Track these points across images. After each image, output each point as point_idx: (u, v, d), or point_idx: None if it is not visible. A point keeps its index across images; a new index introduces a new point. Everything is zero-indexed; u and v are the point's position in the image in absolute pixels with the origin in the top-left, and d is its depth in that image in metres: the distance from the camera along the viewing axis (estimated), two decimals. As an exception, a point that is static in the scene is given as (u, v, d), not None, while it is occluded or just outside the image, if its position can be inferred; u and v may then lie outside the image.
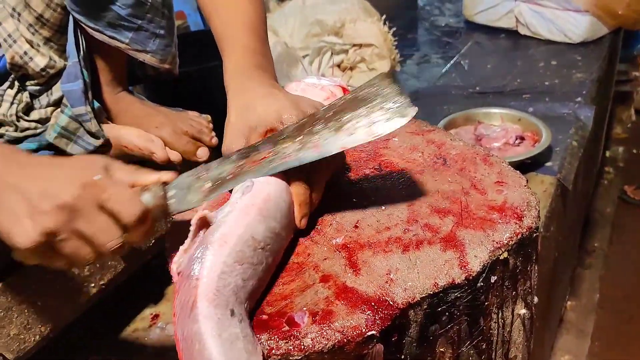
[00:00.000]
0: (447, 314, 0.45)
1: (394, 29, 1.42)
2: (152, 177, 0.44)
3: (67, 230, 0.38)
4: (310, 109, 0.49)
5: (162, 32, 0.74)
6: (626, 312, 1.40)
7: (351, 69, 1.39)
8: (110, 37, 0.71)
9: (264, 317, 0.42)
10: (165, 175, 0.44)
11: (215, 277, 0.39)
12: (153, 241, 0.81)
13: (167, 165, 0.76)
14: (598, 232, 1.68)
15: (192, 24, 1.74)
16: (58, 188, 0.39)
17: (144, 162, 0.76)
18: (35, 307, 0.66)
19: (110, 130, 0.77)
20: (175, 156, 0.76)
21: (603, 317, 1.39)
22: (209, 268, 0.39)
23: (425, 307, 0.44)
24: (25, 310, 0.65)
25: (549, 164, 1.02)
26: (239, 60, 0.55)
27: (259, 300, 0.43)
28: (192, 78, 1.13)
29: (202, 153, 0.78)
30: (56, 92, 0.74)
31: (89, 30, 0.71)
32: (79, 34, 0.73)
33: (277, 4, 1.68)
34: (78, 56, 0.72)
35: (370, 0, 1.53)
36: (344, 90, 0.63)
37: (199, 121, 0.82)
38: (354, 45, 1.36)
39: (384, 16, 1.44)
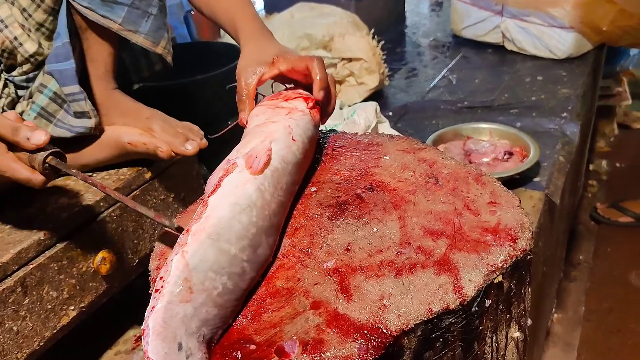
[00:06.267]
0: (441, 339, 0.44)
1: (383, 42, 1.43)
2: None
3: None
4: (297, 55, 0.65)
5: (154, 11, 0.74)
6: (612, 324, 1.40)
7: (340, 83, 1.39)
8: (102, 16, 0.71)
9: (252, 347, 0.40)
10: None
11: (162, 308, 0.38)
12: (137, 261, 0.78)
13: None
14: (583, 245, 1.69)
15: (179, 36, 1.73)
16: None
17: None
18: (11, 332, 0.63)
19: (109, 129, 0.77)
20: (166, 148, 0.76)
21: (589, 329, 1.40)
22: (159, 298, 0.38)
23: (419, 333, 0.42)
24: (0, 336, 0.62)
25: (537, 179, 1.02)
26: (253, 25, 0.71)
27: (232, 329, 0.42)
28: (180, 90, 1.12)
29: (191, 146, 0.77)
30: (38, 79, 0.74)
31: (82, 9, 0.70)
32: (72, 20, 0.72)
33: (266, 17, 1.67)
34: (70, 37, 0.72)
35: (359, 14, 1.54)
36: (306, 99, 0.61)
37: (190, 125, 0.82)
38: (343, 59, 1.36)
39: (373, 30, 1.45)
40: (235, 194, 0.46)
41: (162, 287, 0.39)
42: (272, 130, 0.54)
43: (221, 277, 0.42)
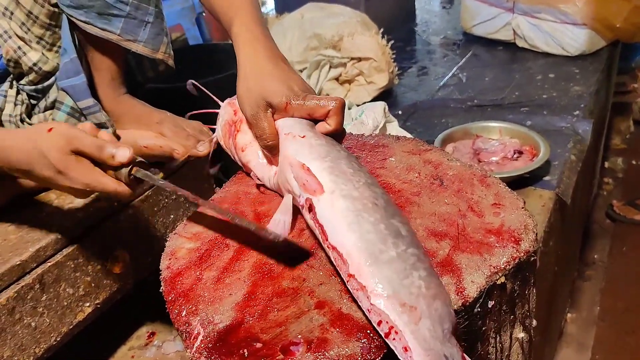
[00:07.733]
0: (444, 339, 0.45)
1: (392, 41, 1.43)
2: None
3: None
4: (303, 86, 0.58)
5: (150, 19, 0.75)
6: (627, 324, 1.39)
7: (349, 82, 1.39)
8: (101, 29, 0.73)
9: (258, 345, 0.42)
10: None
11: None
12: (150, 259, 0.80)
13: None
14: (597, 244, 1.67)
15: (191, 38, 1.75)
16: None
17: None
18: (29, 328, 0.65)
19: (124, 134, 0.80)
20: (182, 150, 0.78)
21: (603, 330, 1.38)
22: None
23: (421, 333, 0.43)
24: (19, 332, 0.64)
25: (547, 178, 1.02)
26: (250, 27, 0.61)
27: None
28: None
29: (203, 147, 0.79)
30: (53, 94, 0.76)
31: (81, 24, 0.73)
32: (75, 36, 0.75)
33: (276, 17, 1.69)
34: (76, 52, 0.74)
35: (369, 13, 1.54)
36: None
37: (199, 125, 0.84)
38: (352, 58, 1.36)
39: (382, 29, 1.45)
40: (348, 208, 0.47)
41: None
42: (284, 150, 0.54)
43: None
